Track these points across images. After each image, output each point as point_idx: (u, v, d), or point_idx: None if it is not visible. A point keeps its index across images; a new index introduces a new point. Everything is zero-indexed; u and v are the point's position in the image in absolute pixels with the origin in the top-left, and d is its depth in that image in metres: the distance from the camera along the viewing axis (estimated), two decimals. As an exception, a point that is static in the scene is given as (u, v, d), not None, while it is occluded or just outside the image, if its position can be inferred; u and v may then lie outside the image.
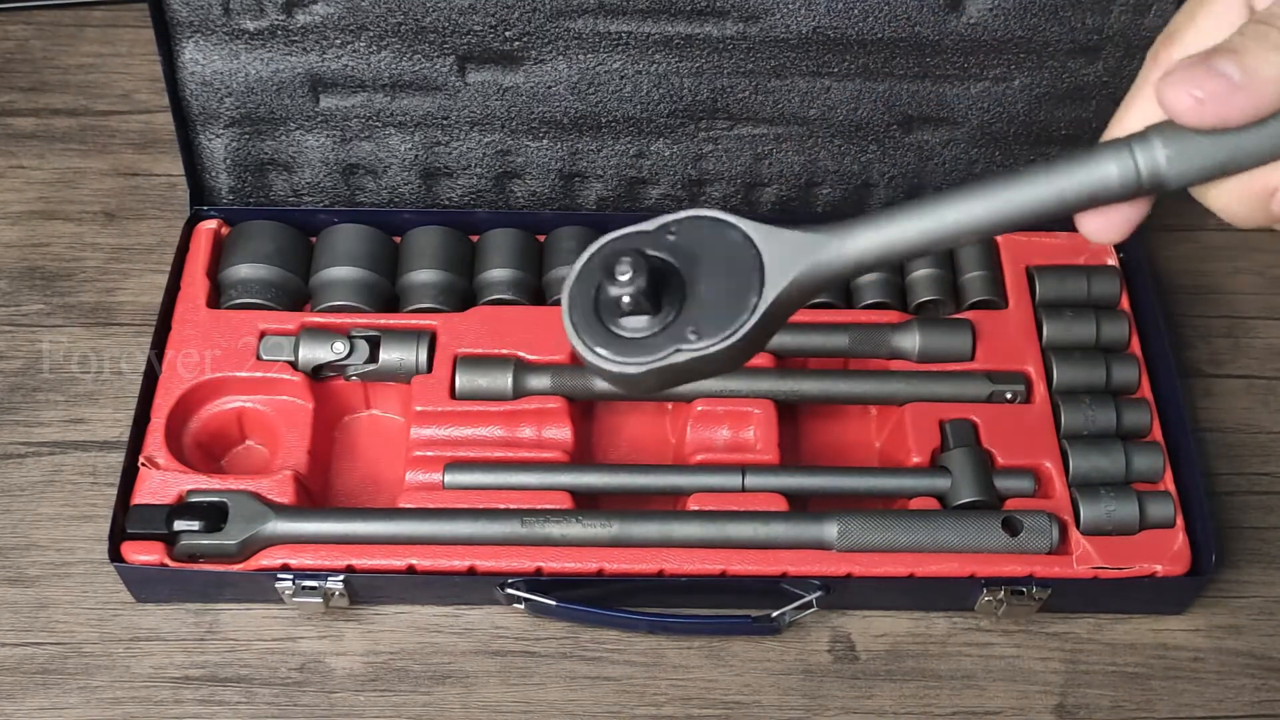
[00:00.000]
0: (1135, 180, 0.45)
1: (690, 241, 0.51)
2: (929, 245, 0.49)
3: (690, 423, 0.85)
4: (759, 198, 0.96)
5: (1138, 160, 0.45)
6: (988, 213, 0.47)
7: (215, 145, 0.91)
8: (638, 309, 0.49)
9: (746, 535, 0.79)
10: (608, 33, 0.86)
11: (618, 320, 0.50)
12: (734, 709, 0.80)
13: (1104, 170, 0.45)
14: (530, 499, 0.80)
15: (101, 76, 1.09)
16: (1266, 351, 0.97)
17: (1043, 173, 0.46)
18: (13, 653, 0.80)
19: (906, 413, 0.85)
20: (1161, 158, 0.44)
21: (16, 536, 0.85)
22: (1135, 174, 0.45)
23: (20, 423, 0.89)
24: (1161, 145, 0.44)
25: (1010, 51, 0.87)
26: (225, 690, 0.79)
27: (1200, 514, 0.81)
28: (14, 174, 1.03)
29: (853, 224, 0.49)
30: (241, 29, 0.85)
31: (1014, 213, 0.47)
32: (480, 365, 0.85)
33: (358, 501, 0.86)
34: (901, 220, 0.48)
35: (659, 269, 0.50)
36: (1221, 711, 0.81)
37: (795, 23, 0.85)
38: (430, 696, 0.79)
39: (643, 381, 0.51)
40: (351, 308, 0.88)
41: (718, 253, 0.50)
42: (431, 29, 0.85)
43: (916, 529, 0.79)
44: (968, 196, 0.48)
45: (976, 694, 0.81)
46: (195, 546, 0.78)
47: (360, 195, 0.95)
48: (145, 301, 0.95)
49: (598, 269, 0.50)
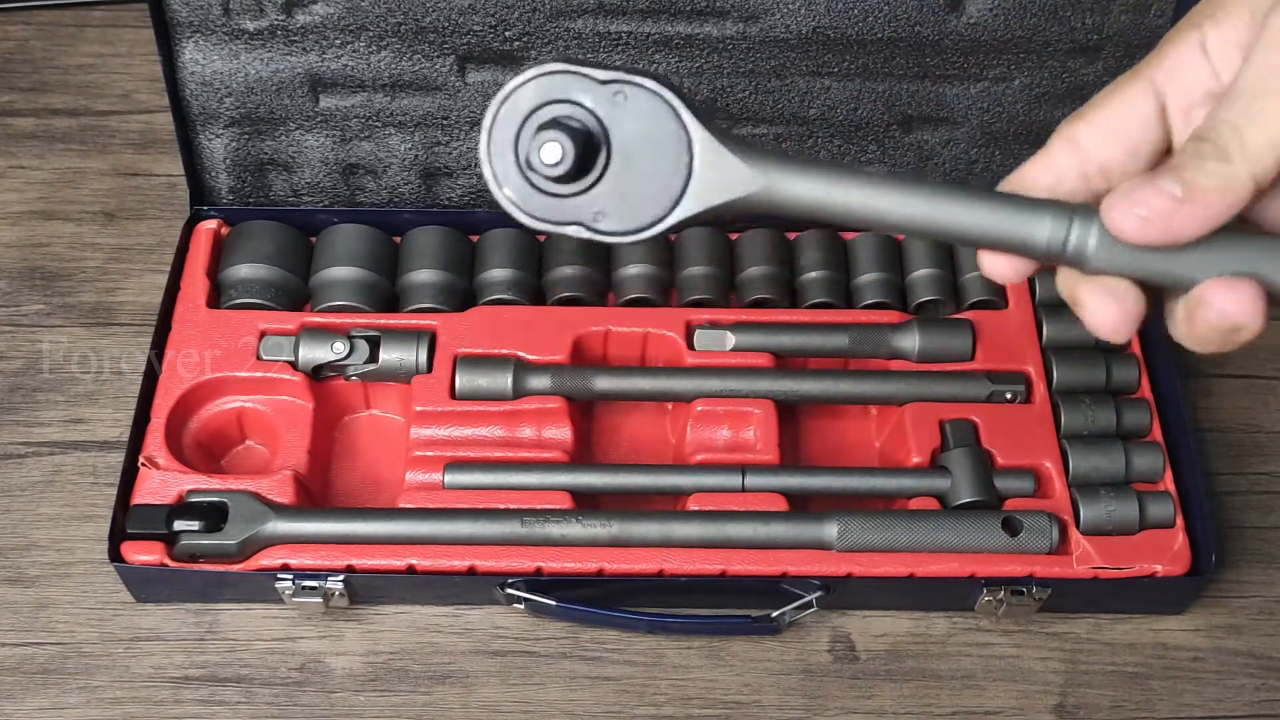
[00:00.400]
0: (1059, 249, 0.46)
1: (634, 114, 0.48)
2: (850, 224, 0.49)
3: (690, 423, 0.85)
4: (759, 198, 0.95)
5: (1071, 233, 0.46)
6: (914, 216, 0.48)
7: (215, 145, 0.91)
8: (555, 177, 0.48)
9: (746, 535, 0.79)
10: (608, 33, 0.86)
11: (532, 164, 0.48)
12: (734, 709, 0.80)
13: (1036, 227, 0.46)
14: (530, 499, 0.80)
15: (101, 76, 1.09)
16: (1266, 351, 0.97)
17: (983, 202, 0.47)
18: (13, 653, 0.80)
19: (906, 413, 0.85)
20: (1092, 241, 0.45)
21: (16, 536, 0.85)
22: (1061, 244, 0.46)
23: (20, 423, 0.89)
24: (1098, 230, 0.45)
25: (1010, 51, 0.87)
26: (225, 690, 0.79)
27: (1200, 514, 0.81)
28: (14, 174, 1.03)
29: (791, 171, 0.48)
30: (241, 29, 0.85)
31: (938, 228, 0.48)
32: (480, 365, 0.85)
33: (358, 501, 0.86)
34: (836, 189, 0.48)
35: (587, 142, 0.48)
36: (1221, 711, 0.81)
37: (795, 23, 0.85)
38: (430, 696, 0.79)
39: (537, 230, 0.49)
40: (351, 308, 0.88)
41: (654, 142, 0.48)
42: (431, 29, 0.85)
43: (916, 529, 0.79)
44: (905, 192, 0.48)
45: (976, 694, 0.81)
46: (195, 546, 0.78)
47: (360, 195, 0.95)
48: (145, 301, 0.95)
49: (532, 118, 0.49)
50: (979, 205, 0.47)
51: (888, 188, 0.48)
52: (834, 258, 0.91)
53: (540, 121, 0.48)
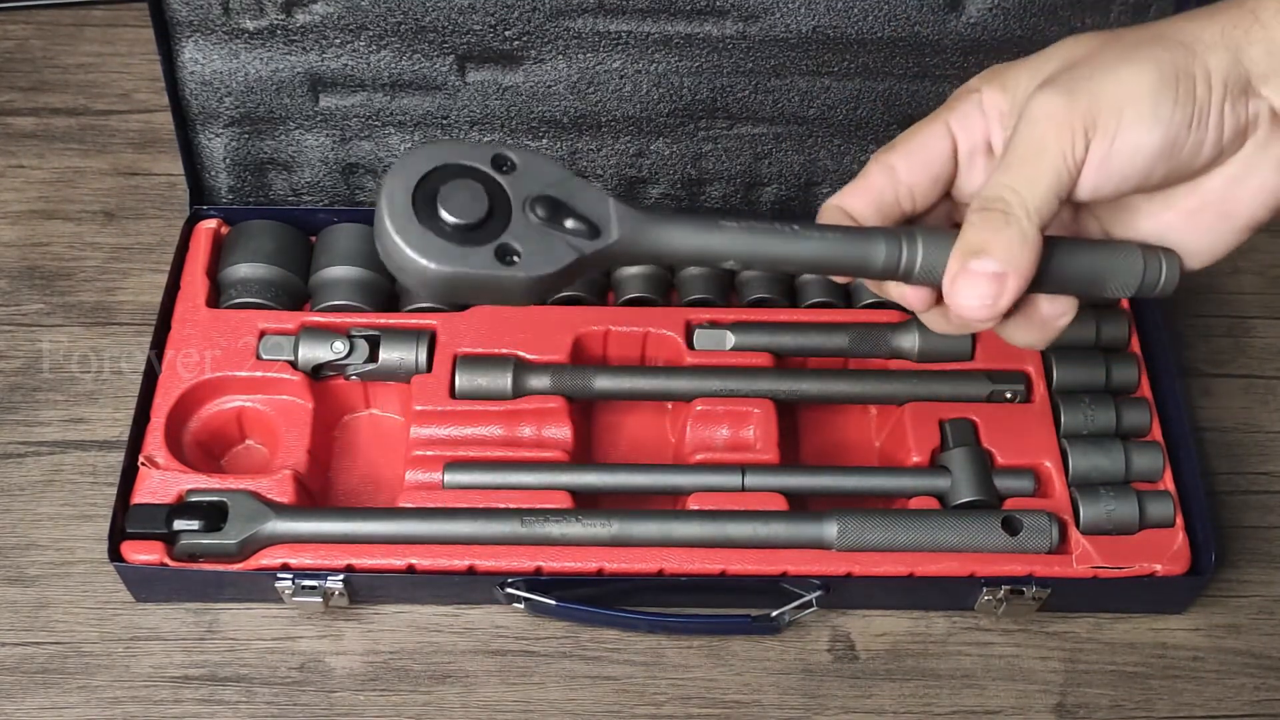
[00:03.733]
0: (894, 268, 0.56)
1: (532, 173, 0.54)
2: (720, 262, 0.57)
3: (690, 422, 0.85)
4: (759, 197, 0.96)
5: (903, 253, 0.55)
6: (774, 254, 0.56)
7: (215, 145, 0.91)
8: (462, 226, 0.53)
9: (746, 535, 0.79)
10: (607, 32, 0.86)
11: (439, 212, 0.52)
12: (734, 708, 0.80)
13: (874, 253, 0.56)
14: (530, 498, 0.80)
15: (101, 76, 1.09)
16: (1266, 351, 0.97)
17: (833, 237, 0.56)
18: (13, 652, 0.80)
19: (906, 412, 0.85)
20: (918, 259, 0.55)
21: (16, 536, 0.85)
22: (895, 264, 0.56)
23: (20, 422, 0.89)
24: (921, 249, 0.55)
25: (1010, 51, 0.87)
26: (225, 690, 0.79)
27: (1200, 513, 0.81)
28: (14, 174, 1.03)
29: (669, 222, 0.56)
30: (241, 28, 0.85)
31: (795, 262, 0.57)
32: (480, 365, 0.85)
33: (358, 501, 0.86)
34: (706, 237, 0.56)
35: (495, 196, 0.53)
36: (1221, 711, 0.81)
37: (795, 22, 0.85)
38: (430, 696, 0.79)
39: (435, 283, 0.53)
40: (351, 307, 0.88)
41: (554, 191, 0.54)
42: (431, 28, 0.85)
43: (916, 528, 0.79)
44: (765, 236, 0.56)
45: (976, 693, 0.81)
46: (195, 546, 0.78)
47: (360, 195, 0.95)
48: (145, 301, 0.95)
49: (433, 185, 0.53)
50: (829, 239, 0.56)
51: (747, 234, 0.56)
52: (834, 257, 0.91)
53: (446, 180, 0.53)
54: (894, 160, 0.58)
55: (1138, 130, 0.53)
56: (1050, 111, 0.53)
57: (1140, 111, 0.52)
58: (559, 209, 0.54)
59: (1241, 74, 0.53)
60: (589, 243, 0.54)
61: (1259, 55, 0.53)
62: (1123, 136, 0.53)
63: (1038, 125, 0.53)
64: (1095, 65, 0.54)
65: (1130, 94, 0.52)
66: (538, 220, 0.53)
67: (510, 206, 0.53)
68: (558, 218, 0.54)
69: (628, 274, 0.90)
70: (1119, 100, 0.53)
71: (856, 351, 0.87)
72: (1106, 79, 0.53)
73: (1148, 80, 0.52)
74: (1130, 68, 0.53)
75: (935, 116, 0.58)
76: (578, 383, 0.85)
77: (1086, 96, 0.53)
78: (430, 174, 0.53)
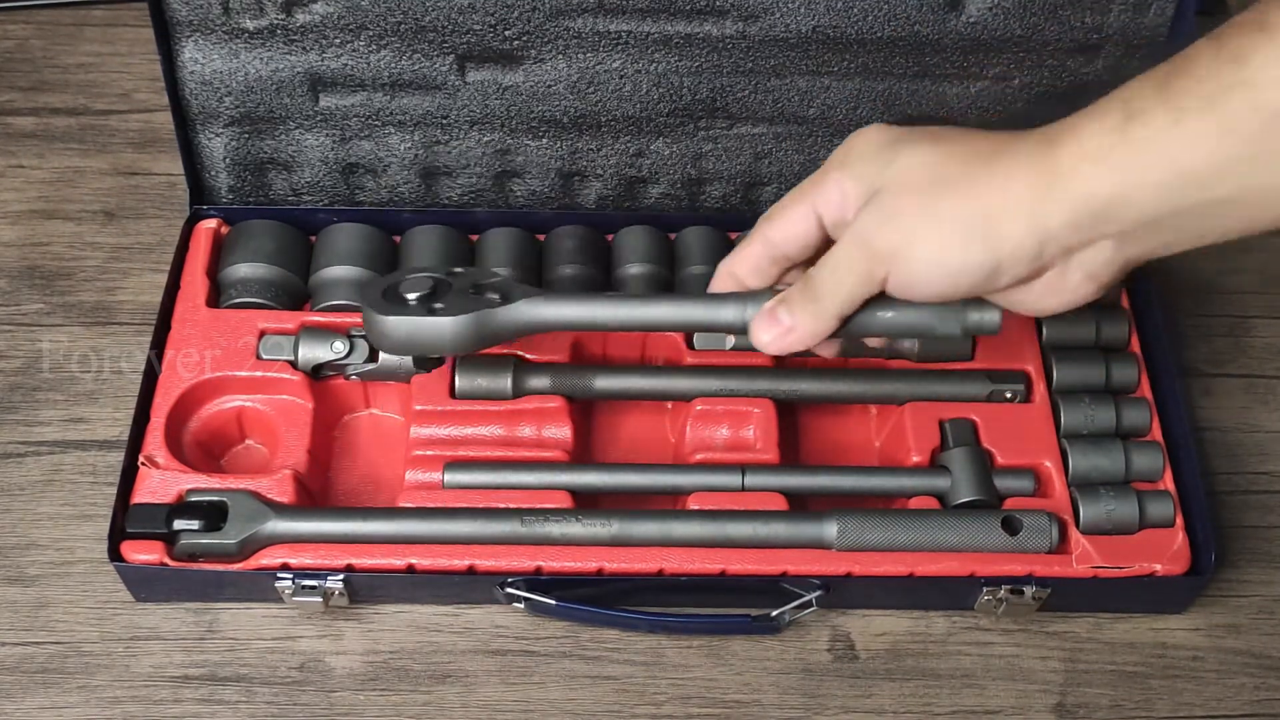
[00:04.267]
0: (740, 323, 0.69)
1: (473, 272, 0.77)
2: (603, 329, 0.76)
3: (690, 422, 0.85)
4: (758, 197, 0.96)
5: (747, 312, 0.69)
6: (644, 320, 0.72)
7: (215, 144, 0.91)
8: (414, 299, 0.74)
9: (746, 535, 0.79)
10: (607, 32, 0.86)
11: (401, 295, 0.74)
12: (734, 708, 0.80)
13: (724, 314, 0.70)
14: (530, 498, 0.80)
15: (101, 76, 1.09)
16: (1266, 351, 0.97)
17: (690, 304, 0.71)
18: (12, 652, 0.80)
19: (906, 412, 0.85)
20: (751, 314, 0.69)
21: (16, 536, 0.85)
22: (741, 319, 0.69)
23: (20, 422, 0.89)
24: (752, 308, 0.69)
25: (1010, 50, 0.87)
26: (225, 689, 0.79)
27: (1200, 513, 0.81)
28: (14, 173, 1.03)
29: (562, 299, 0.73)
30: (241, 28, 0.85)
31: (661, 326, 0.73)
32: (480, 364, 0.85)
33: (358, 501, 0.86)
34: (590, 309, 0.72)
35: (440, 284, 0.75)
36: (1221, 710, 0.81)
37: (795, 22, 0.85)
38: (430, 696, 0.79)
39: (390, 331, 0.73)
40: (351, 307, 0.88)
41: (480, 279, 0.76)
42: (431, 28, 0.85)
43: (916, 528, 0.79)
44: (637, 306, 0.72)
45: (976, 693, 0.81)
46: (195, 546, 0.78)
47: (360, 194, 0.95)
48: (145, 301, 0.95)
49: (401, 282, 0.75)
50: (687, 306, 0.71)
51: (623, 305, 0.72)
52: (834, 257, 0.91)
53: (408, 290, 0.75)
54: (769, 233, 0.69)
55: (934, 280, 0.62)
56: (865, 239, 0.62)
57: (937, 272, 0.61)
58: (482, 287, 0.75)
59: (1039, 236, 0.58)
60: (497, 302, 0.73)
61: (1056, 214, 0.57)
62: (920, 279, 0.62)
63: (851, 249, 0.63)
64: (912, 211, 0.61)
65: (930, 255, 0.60)
66: (468, 294, 0.74)
67: (451, 289, 0.75)
68: (480, 291, 0.74)
69: (628, 274, 0.90)
70: (920, 256, 0.61)
71: (856, 351, 0.87)
72: (915, 233, 0.61)
73: (950, 246, 0.60)
74: (937, 230, 0.60)
75: (803, 195, 0.66)
76: (578, 382, 0.85)
77: (895, 238, 0.61)
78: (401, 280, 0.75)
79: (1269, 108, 0.50)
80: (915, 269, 0.61)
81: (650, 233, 0.93)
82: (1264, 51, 0.50)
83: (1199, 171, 0.53)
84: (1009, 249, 0.59)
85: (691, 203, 0.96)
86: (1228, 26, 0.52)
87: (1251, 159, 0.52)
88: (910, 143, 0.62)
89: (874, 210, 0.62)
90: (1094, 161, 0.56)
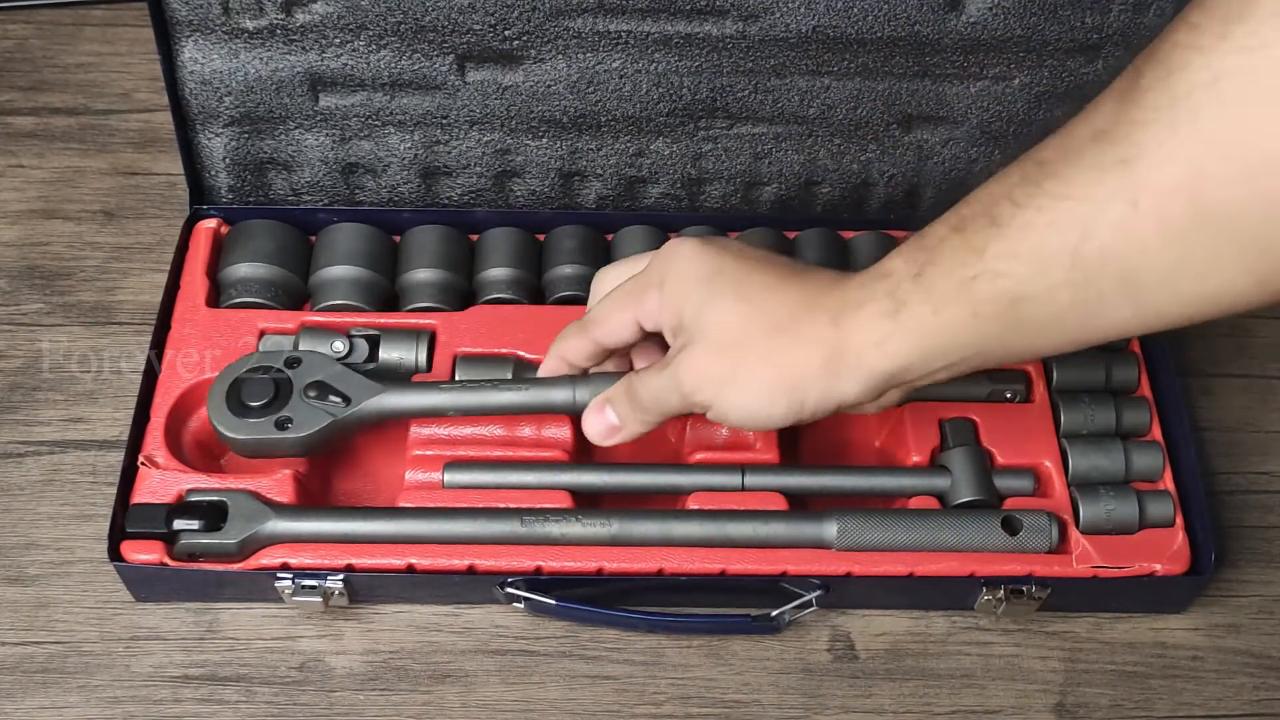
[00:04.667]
0: (570, 406, 0.76)
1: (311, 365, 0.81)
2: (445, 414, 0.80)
3: (690, 422, 0.85)
4: (758, 196, 0.96)
5: (576, 396, 0.76)
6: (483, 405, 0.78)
7: (214, 144, 0.91)
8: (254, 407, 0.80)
9: (746, 534, 0.79)
10: (607, 32, 0.86)
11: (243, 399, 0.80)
12: (733, 708, 0.80)
13: (557, 397, 0.76)
14: (530, 498, 0.80)
15: (101, 75, 1.09)
16: (1266, 351, 0.97)
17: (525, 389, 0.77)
18: (13, 652, 0.80)
19: (906, 412, 0.85)
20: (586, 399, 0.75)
21: (16, 536, 0.85)
22: (571, 402, 0.76)
23: (20, 422, 0.89)
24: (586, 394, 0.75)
25: (1010, 50, 0.87)
26: (225, 689, 0.79)
27: (1199, 513, 0.81)
28: (14, 173, 1.03)
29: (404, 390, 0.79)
30: (241, 28, 0.85)
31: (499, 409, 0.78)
32: (480, 364, 0.85)
33: (358, 501, 0.86)
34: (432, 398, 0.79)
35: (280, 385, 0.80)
36: (1220, 710, 0.81)
37: (795, 22, 0.85)
38: (430, 695, 0.79)
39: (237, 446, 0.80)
40: (351, 307, 0.88)
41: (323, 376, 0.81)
42: (431, 28, 0.85)
43: (916, 528, 0.79)
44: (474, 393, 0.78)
45: (976, 693, 0.81)
46: (195, 546, 0.78)
47: (360, 194, 0.95)
48: (145, 301, 0.95)
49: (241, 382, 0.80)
50: (522, 391, 0.77)
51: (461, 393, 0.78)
52: (835, 257, 0.91)
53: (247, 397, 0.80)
54: (595, 334, 0.74)
55: (747, 422, 0.69)
56: (681, 388, 0.69)
57: (748, 418, 0.69)
58: (324, 388, 0.79)
59: (836, 401, 0.67)
60: (343, 410, 0.79)
61: (850, 387, 0.65)
62: (734, 420, 0.69)
63: (671, 388, 0.70)
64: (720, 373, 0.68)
65: (740, 405, 0.68)
66: (309, 398, 0.79)
67: (292, 389, 0.80)
68: (322, 395, 0.79)
69: (627, 274, 0.90)
70: (732, 405, 0.68)
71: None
72: (725, 390, 0.68)
73: (757, 403, 0.67)
74: (744, 391, 0.67)
75: (625, 306, 0.72)
76: (577, 382, 0.85)
77: (708, 391, 0.68)
78: (243, 376, 0.80)
79: (1009, 293, 0.59)
80: (728, 414, 0.69)
81: (650, 233, 0.93)
82: (996, 244, 0.58)
83: (963, 345, 0.62)
84: (810, 409, 0.67)
85: (691, 203, 0.96)
86: (968, 215, 0.60)
87: (1001, 333, 0.61)
88: (719, 294, 0.68)
89: (687, 364, 0.69)
90: (874, 346, 0.64)
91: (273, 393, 0.79)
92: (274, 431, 0.78)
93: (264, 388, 0.79)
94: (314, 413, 0.79)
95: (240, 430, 0.79)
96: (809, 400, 0.66)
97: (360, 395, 0.79)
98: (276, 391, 0.79)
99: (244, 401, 0.79)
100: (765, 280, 0.68)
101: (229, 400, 0.79)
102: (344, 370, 0.81)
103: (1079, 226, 0.55)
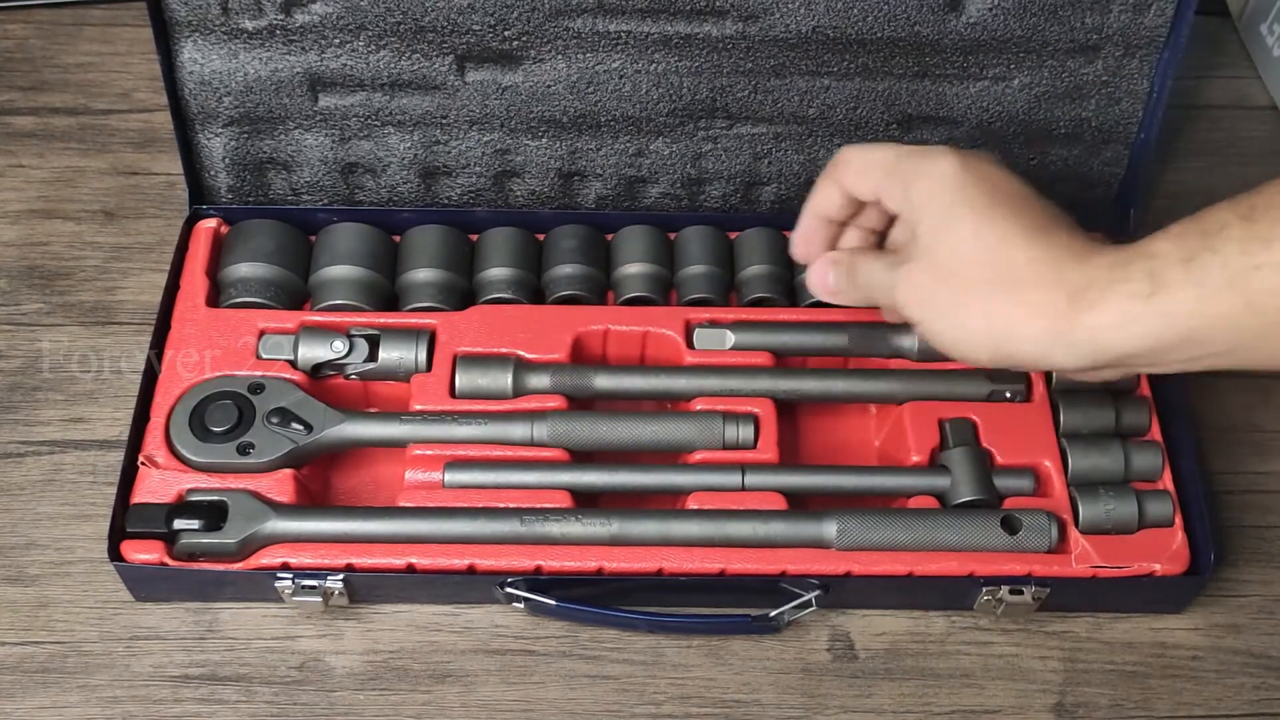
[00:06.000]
0: (527, 439, 0.81)
1: (274, 391, 0.83)
2: (402, 445, 0.83)
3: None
4: (758, 196, 0.96)
5: (534, 432, 0.82)
6: (436, 436, 0.82)
7: (214, 144, 0.91)
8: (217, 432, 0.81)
9: (746, 534, 0.79)
10: (607, 32, 0.86)
11: (206, 423, 0.81)
12: (733, 708, 0.80)
13: (515, 430, 0.81)
14: (530, 498, 0.80)
15: (100, 75, 1.09)
16: (1266, 350, 0.97)
17: (481, 422, 0.81)
18: (13, 652, 0.80)
19: (906, 411, 0.85)
20: (541, 434, 0.82)
21: (16, 536, 0.85)
22: (529, 437, 0.82)
23: (20, 422, 0.90)
24: (544, 429, 0.81)
25: (1010, 51, 0.87)
26: (225, 689, 0.79)
27: (1199, 513, 0.81)
28: (14, 173, 1.03)
29: (364, 419, 0.82)
30: (240, 28, 0.85)
31: (448, 440, 0.82)
32: (480, 364, 0.85)
33: (358, 501, 0.86)
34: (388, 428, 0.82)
35: (244, 410, 0.82)
36: (1220, 710, 0.81)
37: (795, 22, 0.85)
38: (430, 695, 0.80)
39: (201, 469, 0.80)
40: (351, 306, 0.88)
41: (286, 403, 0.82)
42: (430, 28, 0.85)
43: (915, 528, 0.79)
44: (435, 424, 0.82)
45: (975, 693, 0.81)
46: (195, 545, 0.78)
47: (359, 194, 0.95)
48: (145, 300, 0.95)
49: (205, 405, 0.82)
50: (479, 425, 0.82)
51: (421, 424, 0.82)
52: (833, 257, 0.91)
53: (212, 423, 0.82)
54: (842, 178, 0.73)
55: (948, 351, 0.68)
56: (901, 299, 0.69)
57: (951, 350, 0.68)
58: (286, 415, 0.81)
59: (1044, 364, 0.65)
60: (304, 437, 0.80)
61: (1066, 358, 0.63)
62: (936, 345, 0.69)
63: (895, 288, 0.69)
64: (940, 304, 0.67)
65: (947, 339, 0.67)
66: (271, 424, 0.81)
67: (256, 416, 0.81)
68: (285, 422, 0.81)
69: (627, 273, 0.90)
70: (939, 334, 0.68)
71: (856, 351, 0.87)
72: (937, 322, 0.67)
73: (963, 342, 0.67)
74: (955, 327, 0.67)
75: (875, 164, 0.71)
76: (578, 382, 0.85)
77: (921, 315, 0.68)
78: (206, 398, 0.81)
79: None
80: (934, 339, 0.68)
81: (650, 232, 0.93)
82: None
83: (1218, 339, 0.58)
84: (1017, 363, 0.65)
85: (691, 202, 0.96)
86: (1259, 205, 0.57)
87: (1270, 330, 0.57)
88: (959, 220, 0.66)
89: (909, 278, 0.68)
90: (1113, 328, 0.60)
91: (236, 418, 0.80)
92: (235, 456, 0.80)
93: (227, 413, 0.81)
94: (276, 439, 0.80)
95: (201, 454, 0.80)
96: (1018, 356, 0.65)
97: (322, 424, 0.81)
98: (240, 417, 0.81)
99: (207, 425, 0.81)
100: (1008, 229, 0.65)
101: (191, 423, 0.81)
102: (306, 398, 0.82)
103: None
